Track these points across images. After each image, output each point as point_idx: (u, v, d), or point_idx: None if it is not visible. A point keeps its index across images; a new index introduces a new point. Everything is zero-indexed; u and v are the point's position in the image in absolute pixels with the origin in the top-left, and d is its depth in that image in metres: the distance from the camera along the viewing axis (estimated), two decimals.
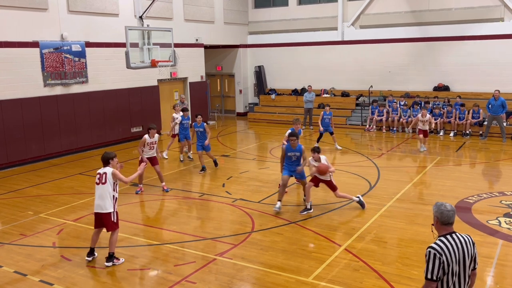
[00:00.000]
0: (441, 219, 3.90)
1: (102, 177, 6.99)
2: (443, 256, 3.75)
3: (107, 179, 6.96)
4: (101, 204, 6.98)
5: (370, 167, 12.91)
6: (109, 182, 6.95)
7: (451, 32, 19.02)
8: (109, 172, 6.99)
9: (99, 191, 7.00)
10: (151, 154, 10.95)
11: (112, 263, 7.07)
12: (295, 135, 9.45)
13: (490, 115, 16.35)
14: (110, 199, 6.99)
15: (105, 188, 6.96)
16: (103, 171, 7.05)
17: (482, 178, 12.21)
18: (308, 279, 6.52)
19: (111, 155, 7.15)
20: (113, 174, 6.98)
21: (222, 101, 25.31)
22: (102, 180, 6.99)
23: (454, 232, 3.93)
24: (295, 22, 22.66)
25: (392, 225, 8.55)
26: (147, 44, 13.03)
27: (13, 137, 13.68)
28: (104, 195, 6.96)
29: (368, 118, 19.19)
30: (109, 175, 6.96)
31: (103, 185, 6.96)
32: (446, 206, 3.92)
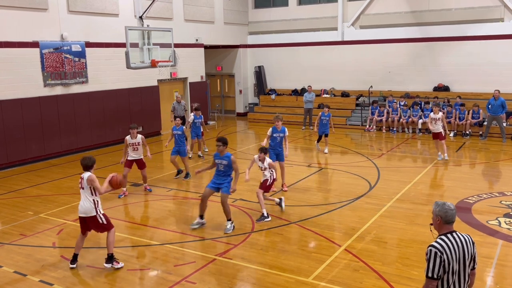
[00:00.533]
0: (445, 218, 3.92)
1: (81, 182, 6.89)
2: (444, 254, 3.77)
3: (83, 184, 6.84)
4: (84, 208, 6.85)
5: (370, 168, 12.91)
6: (85, 187, 6.83)
7: (451, 32, 19.03)
8: (85, 177, 6.83)
9: (82, 195, 6.90)
10: (136, 156, 10.64)
11: (111, 265, 7.00)
12: (222, 140, 8.28)
13: (490, 115, 16.35)
14: (91, 203, 6.81)
15: (84, 193, 6.85)
16: (82, 175, 6.92)
17: (482, 179, 12.21)
18: (308, 279, 6.52)
19: (91, 162, 6.95)
20: (88, 180, 6.78)
21: (222, 101, 25.32)
22: (82, 184, 6.89)
23: (455, 231, 3.95)
24: (295, 22, 22.66)
25: (392, 225, 8.55)
26: (147, 44, 13.04)
27: (13, 137, 13.68)
28: (85, 199, 6.84)
29: (368, 118, 19.18)
30: (84, 180, 6.81)
31: (82, 190, 6.87)
32: (449, 205, 3.94)
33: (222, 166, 8.35)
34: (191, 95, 20.57)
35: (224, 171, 8.36)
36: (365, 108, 19.89)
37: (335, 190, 10.82)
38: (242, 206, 9.77)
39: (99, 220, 6.88)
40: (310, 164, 13.57)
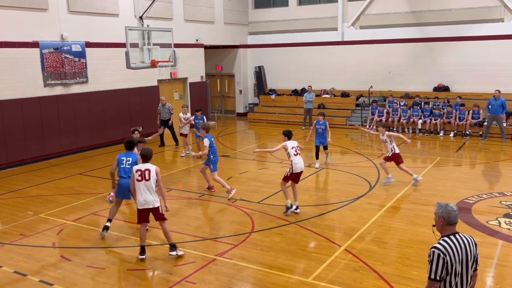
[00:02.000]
0: (448, 219, 3.89)
1: (145, 174, 7.04)
2: (447, 256, 3.76)
3: (151, 176, 7.04)
4: (148, 200, 7.07)
5: (370, 168, 12.91)
6: (152, 179, 7.05)
7: (451, 32, 19.02)
8: (153, 169, 7.08)
9: (144, 187, 7.06)
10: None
11: (176, 253, 7.24)
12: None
13: (490, 116, 16.35)
14: (155, 195, 7.14)
15: (149, 184, 7.05)
16: (144, 167, 7.10)
17: (482, 179, 12.21)
18: (308, 279, 6.51)
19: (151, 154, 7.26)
20: (157, 171, 7.11)
21: (222, 101, 25.31)
22: (145, 177, 7.03)
23: (457, 232, 3.93)
24: (295, 23, 22.66)
25: (392, 225, 8.54)
26: (147, 44, 13.04)
27: (13, 137, 13.68)
28: (148, 191, 7.06)
29: (368, 119, 19.18)
30: (153, 172, 7.06)
31: (147, 182, 7.04)
32: (452, 206, 3.91)
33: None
34: (191, 95, 20.58)
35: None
36: (365, 108, 19.89)
37: (335, 190, 10.82)
38: (242, 206, 9.77)
39: (160, 210, 7.19)
40: (310, 164, 13.56)
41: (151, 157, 7.25)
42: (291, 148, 9.06)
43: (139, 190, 7.11)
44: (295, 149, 9.09)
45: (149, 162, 7.20)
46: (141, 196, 7.10)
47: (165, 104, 16.10)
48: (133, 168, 7.18)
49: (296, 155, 9.06)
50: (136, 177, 7.10)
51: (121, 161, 8.36)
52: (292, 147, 9.10)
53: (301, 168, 9.09)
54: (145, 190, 7.07)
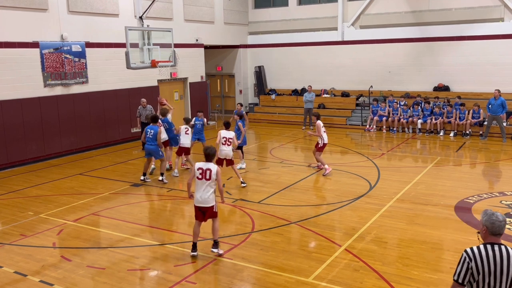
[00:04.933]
0: (491, 229, 3.68)
1: (206, 173, 7.08)
2: (472, 262, 3.61)
3: (212, 175, 7.08)
4: (205, 199, 7.12)
5: (370, 167, 12.91)
6: (212, 178, 7.09)
7: (451, 32, 19.02)
8: (214, 169, 7.10)
9: (203, 186, 7.11)
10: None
11: (217, 250, 7.27)
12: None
13: (490, 115, 16.35)
14: (213, 194, 7.19)
15: (209, 183, 7.10)
16: (206, 166, 7.12)
17: (482, 178, 12.21)
18: (308, 279, 6.51)
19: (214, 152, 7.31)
20: (218, 172, 7.13)
21: (222, 101, 25.31)
22: (206, 176, 7.08)
23: (501, 244, 3.69)
24: (295, 22, 22.65)
25: (392, 225, 8.54)
26: (147, 45, 13.03)
27: (13, 137, 13.68)
28: (207, 190, 7.11)
29: (369, 118, 19.18)
30: (213, 172, 7.08)
31: (207, 181, 7.09)
32: (497, 216, 3.69)
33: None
34: (191, 95, 20.57)
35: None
36: (365, 108, 19.89)
37: (335, 190, 10.82)
38: (242, 207, 9.77)
39: (214, 209, 7.26)
40: (310, 164, 13.56)
41: (214, 156, 7.27)
42: (222, 137, 11.00)
43: (198, 188, 7.16)
44: (225, 139, 10.99)
45: (212, 161, 7.21)
46: (198, 194, 7.15)
47: (146, 106, 15.57)
48: (195, 165, 7.23)
49: (224, 144, 10.97)
50: (197, 175, 7.14)
51: (147, 132, 11.30)
52: (223, 137, 11.00)
53: (224, 155, 11.06)
54: (204, 188, 7.11)
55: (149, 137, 11.25)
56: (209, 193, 7.14)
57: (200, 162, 7.25)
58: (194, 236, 7.37)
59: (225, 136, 11.06)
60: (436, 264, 6.90)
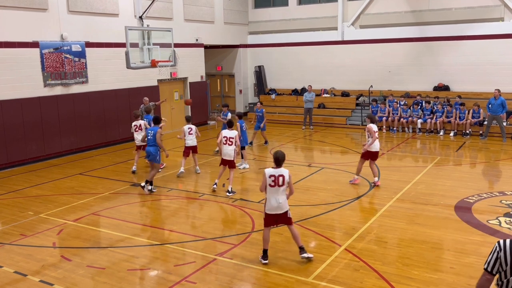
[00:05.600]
0: None
1: (278, 180, 6.82)
2: (502, 252, 3.69)
3: (285, 181, 6.84)
4: (279, 205, 6.88)
5: None
6: (286, 184, 6.85)
7: (451, 32, 19.02)
8: (287, 174, 6.85)
9: (277, 192, 6.86)
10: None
11: (306, 254, 7.04)
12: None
13: (490, 115, 16.35)
14: (285, 200, 6.95)
15: (283, 190, 6.87)
16: (278, 173, 6.84)
17: (482, 178, 12.21)
18: (308, 279, 6.51)
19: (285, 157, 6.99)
20: (290, 177, 6.90)
21: (222, 101, 25.29)
22: (278, 182, 6.82)
23: None
24: (295, 22, 22.65)
25: (392, 225, 8.54)
26: (147, 44, 13.02)
27: (13, 137, 13.68)
28: (281, 196, 6.87)
29: None
30: (286, 177, 6.84)
31: (281, 187, 6.83)
32: None
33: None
34: (191, 95, 20.56)
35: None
36: (365, 108, 19.89)
37: (335, 190, 10.82)
38: (243, 206, 9.77)
39: (288, 214, 7.02)
40: (310, 164, 13.57)
41: (284, 160, 6.93)
42: (223, 137, 10.89)
43: (271, 195, 6.89)
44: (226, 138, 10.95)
45: (282, 165, 6.92)
46: (274, 201, 6.86)
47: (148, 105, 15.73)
48: (266, 172, 6.90)
49: (225, 144, 10.89)
50: (269, 182, 6.85)
51: (148, 133, 10.98)
52: (224, 136, 10.93)
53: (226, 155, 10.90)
54: (278, 195, 6.85)
55: (150, 138, 10.92)
56: (281, 199, 6.87)
57: (270, 168, 6.96)
58: (265, 243, 7.09)
59: (226, 135, 10.81)
60: (436, 264, 6.90)
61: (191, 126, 12.51)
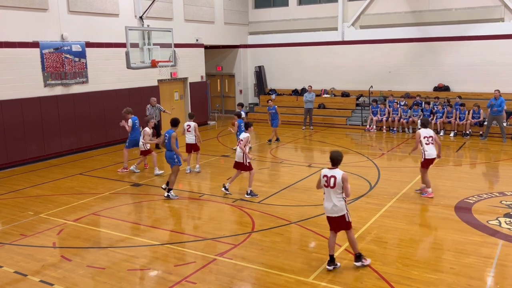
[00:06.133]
0: None
1: (330, 181, 6.64)
2: None
3: (336, 183, 6.60)
4: (333, 208, 6.68)
5: (371, 168, 12.90)
6: (338, 186, 6.61)
7: (451, 32, 19.02)
8: (339, 176, 6.59)
9: (329, 194, 6.69)
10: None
11: (361, 263, 6.80)
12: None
13: (490, 115, 16.35)
14: (343, 202, 6.68)
15: (335, 191, 6.64)
16: (331, 173, 6.67)
17: (482, 179, 12.21)
18: (308, 279, 6.51)
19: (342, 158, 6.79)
20: (343, 178, 6.60)
21: (222, 101, 25.32)
22: (330, 183, 6.64)
23: None
24: (295, 22, 22.66)
25: (392, 225, 8.54)
26: (147, 45, 13.03)
27: (13, 137, 13.68)
28: (334, 198, 6.65)
29: (369, 118, 19.17)
30: (338, 179, 6.59)
31: (332, 189, 6.64)
32: None
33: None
34: (191, 95, 20.58)
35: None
36: (365, 108, 19.89)
37: None
38: (243, 206, 9.77)
39: (346, 218, 6.72)
40: (310, 164, 13.57)
41: (339, 161, 6.72)
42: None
43: (325, 196, 6.76)
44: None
45: (337, 166, 6.72)
46: (327, 203, 6.73)
47: (155, 106, 15.96)
48: (321, 172, 6.78)
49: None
50: (323, 182, 6.74)
51: (165, 136, 10.55)
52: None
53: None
54: (330, 197, 6.67)
55: (166, 142, 10.41)
56: (335, 201, 6.63)
57: (326, 168, 6.80)
58: (330, 249, 6.85)
59: (239, 137, 10.51)
60: (436, 264, 6.90)
61: (189, 123, 12.52)
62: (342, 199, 6.67)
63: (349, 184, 6.66)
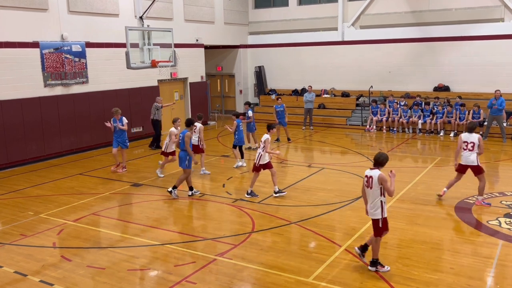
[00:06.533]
0: None
1: (369, 181, 6.57)
2: None
3: (373, 183, 6.52)
4: (369, 209, 6.67)
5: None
6: (375, 187, 6.50)
7: (451, 32, 19.02)
8: (376, 176, 6.48)
9: (368, 195, 6.66)
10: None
11: (375, 269, 6.70)
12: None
13: (490, 115, 16.35)
14: (379, 204, 6.54)
15: (372, 192, 6.55)
16: (370, 173, 6.58)
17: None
18: (308, 280, 6.51)
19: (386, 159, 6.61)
20: (379, 179, 6.46)
21: (222, 102, 25.31)
22: (369, 184, 6.57)
23: None
24: (295, 23, 22.66)
25: (392, 225, 8.50)
26: (147, 45, 13.03)
27: (13, 137, 13.68)
28: (373, 200, 6.57)
29: (369, 118, 19.17)
30: (374, 180, 6.50)
31: (370, 190, 6.57)
32: None
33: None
34: (191, 95, 20.58)
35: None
36: (365, 108, 19.89)
37: (335, 190, 10.82)
38: (243, 207, 9.77)
39: (379, 224, 6.60)
40: (310, 164, 13.56)
41: (382, 163, 6.57)
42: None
43: (367, 196, 6.72)
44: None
45: (379, 167, 6.57)
46: (368, 204, 6.70)
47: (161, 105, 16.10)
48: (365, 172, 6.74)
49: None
50: (364, 182, 6.71)
51: (180, 137, 10.45)
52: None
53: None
54: (368, 198, 6.65)
55: (181, 142, 10.39)
56: (372, 203, 6.57)
57: (368, 169, 6.74)
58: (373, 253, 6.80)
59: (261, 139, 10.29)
60: (436, 264, 6.90)
61: (196, 124, 12.31)
62: (379, 202, 6.54)
63: (391, 183, 6.48)
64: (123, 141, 12.95)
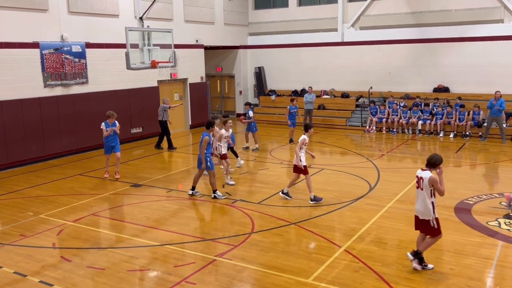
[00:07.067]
0: None
1: (420, 182, 6.59)
2: None
3: (423, 185, 6.51)
4: (419, 209, 6.65)
5: (370, 168, 12.91)
6: (425, 188, 6.50)
7: (451, 33, 19.03)
8: (427, 178, 6.49)
9: (418, 196, 6.67)
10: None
11: (420, 267, 6.70)
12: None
13: (489, 116, 16.36)
14: (430, 206, 6.52)
15: (422, 193, 6.56)
16: (421, 174, 6.61)
17: (482, 180, 12.21)
18: (308, 280, 6.52)
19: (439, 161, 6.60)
20: (430, 181, 6.45)
21: (222, 102, 25.31)
22: (420, 185, 6.58)
23: None
24: (295, 23, 22.67)
25: (392, 226, 8.54)
26: (147, 45, 13.06)
27: (13, 138, 13.68)
28: (421, 201, 6.58)
29: (368, 119, 19.19)
30: (425, 181, 6.50)
31: (421, 191, 6.57)
32: None
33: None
34: (191, 96, 20.58)
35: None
36: (365, 109, 19.91)
37: (335, 191, 10.82)
38: (242, 207, 9.77)
39: (431, 224, 6.60)
40: (310, 165, 13.56)
41: (434, 164, 6.58)
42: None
43: (416, 196, 6.73)
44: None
45: (430, 168, 6.59)
46: (417, 204, 6.70)
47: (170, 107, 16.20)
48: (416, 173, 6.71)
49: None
50: (415, 183, 6.74)
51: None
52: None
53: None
54: (418, 199, 6.65)
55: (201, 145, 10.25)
56: (422, 204, 6.56)
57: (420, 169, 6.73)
58: (417, 244, 6.88)
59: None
60: (436, 265, 6.90)
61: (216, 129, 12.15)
62: (430, 203, 6.52)
63: (440, 182, 6.47)
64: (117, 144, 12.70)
